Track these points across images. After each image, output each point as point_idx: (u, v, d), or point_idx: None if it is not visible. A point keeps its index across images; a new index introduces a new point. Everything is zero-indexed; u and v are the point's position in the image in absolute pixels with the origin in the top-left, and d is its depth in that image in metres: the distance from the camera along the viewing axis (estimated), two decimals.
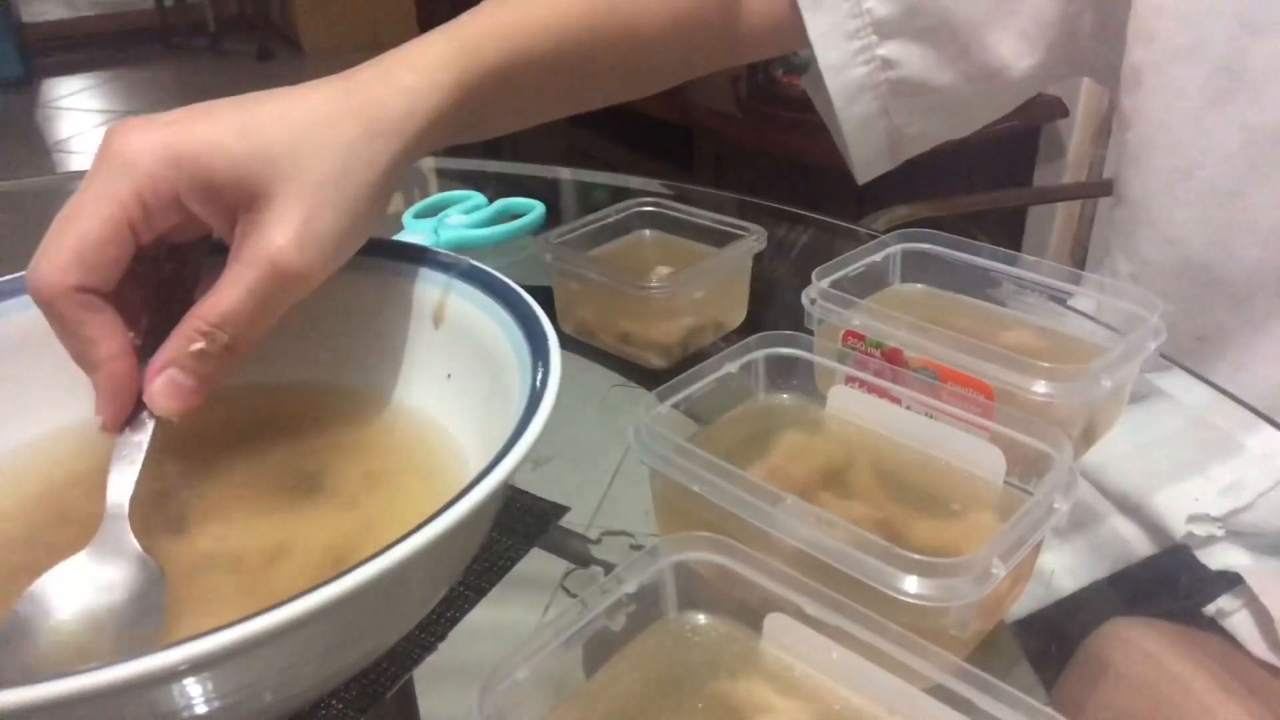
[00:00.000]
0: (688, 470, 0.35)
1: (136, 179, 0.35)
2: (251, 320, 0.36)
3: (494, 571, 0.41)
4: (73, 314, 0.35)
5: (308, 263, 0.37)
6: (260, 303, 0.36)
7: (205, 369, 0.36)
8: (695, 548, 0.31)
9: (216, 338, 0.36)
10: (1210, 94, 0.51)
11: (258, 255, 0.36)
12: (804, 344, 0.43)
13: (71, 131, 3.46)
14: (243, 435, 0.42)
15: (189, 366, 0.36)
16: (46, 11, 4.54)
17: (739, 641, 0.31)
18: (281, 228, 0.36)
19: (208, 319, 0.36)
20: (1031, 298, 0.49)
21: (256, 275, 0.36)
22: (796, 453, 0.41)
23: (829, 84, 0.59)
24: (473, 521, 0.28)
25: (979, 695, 0.26)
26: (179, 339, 0.36)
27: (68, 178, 1.34)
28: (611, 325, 0.57)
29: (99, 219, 0.35)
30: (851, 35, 0.57)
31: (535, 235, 0.70)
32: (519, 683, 0.27)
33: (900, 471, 0.39)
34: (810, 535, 0.32)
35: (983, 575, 0.30)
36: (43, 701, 0.22)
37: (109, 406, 0.36)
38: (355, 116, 0.39)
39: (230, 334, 0.36)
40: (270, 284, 0.36)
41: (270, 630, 0.24)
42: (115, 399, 0.36)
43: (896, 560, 0.30)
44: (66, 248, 0.34)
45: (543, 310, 0.39)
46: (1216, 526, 0.44)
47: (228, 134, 0.36)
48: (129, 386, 0.36)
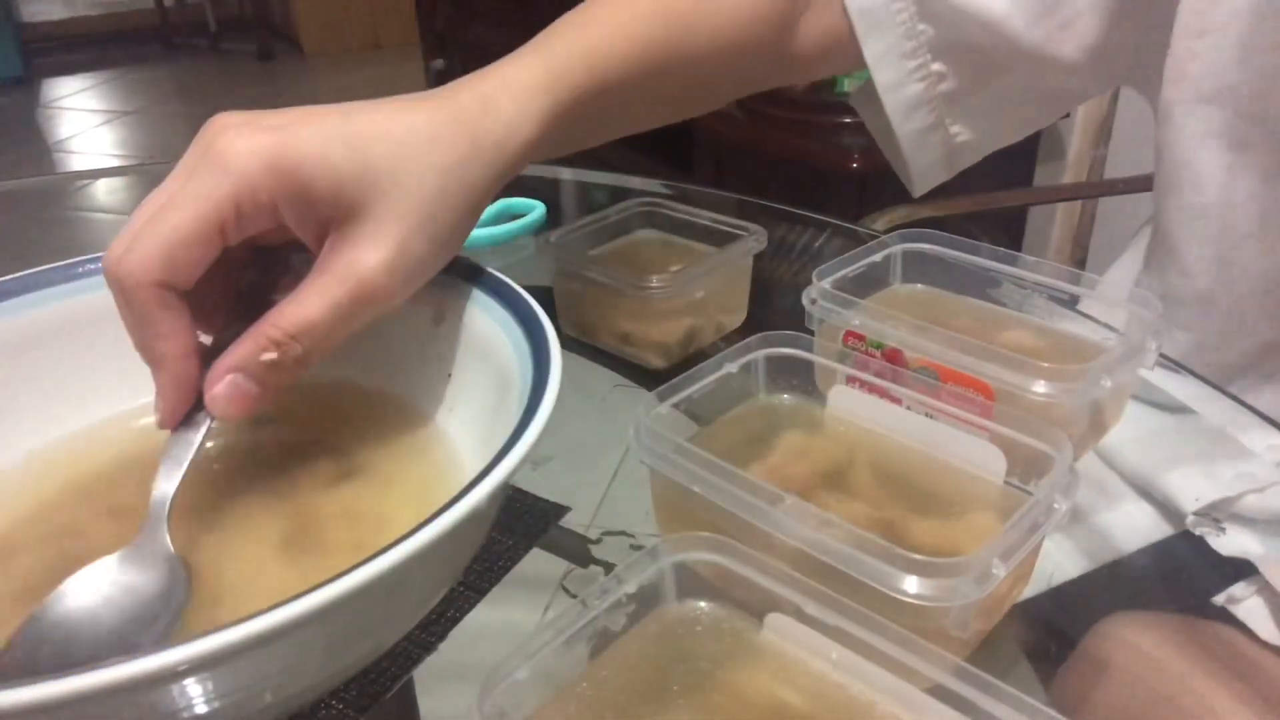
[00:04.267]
0: (688, 470, 0.35)
1: (236, 184, 0.35)
2: (328, 334, 0.36)
3: (494, 571, 0.41)
4: (150, 310, 0.35)
5: (395, 286, 0.37)
6: (341, 319, 0.36)
7: (272, 378, 0.36)
8: (695, 548, 0.31)
9: (290, 349, 0.35)
10: (1234, 138, 0.52)
11: (348, 272, 0.36)
12: (804, 344, 0.43)
13: (71, 131, 3.46)
14: (243, 436, 0.42)
15: (256, 374, 0.35)
16: (46, 11, 4.54)
17: (739, 639, 0.31)
18: (375, 248, 0.36)
19: (285, 328, 0.35)
20: (1031, 298, 0.49)
21: (343, 291, 0.36)
22: (796, 453, 0.41)
23: (886, 102, 0.61)
24: (472, 522, 0.28)
25: (979, 695, 0.26)
26: (250, 345, 0.35)
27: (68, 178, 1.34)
28: (611, 325, 0.57)
29: (193, 218, 0.34)
30: (907, 55, 0.59)
31: (535, 235, 0.70)
32: (519, 683, 0.27)
33: (901, 472, 0.39)
34: (810, 535, 0.32)
35: (983, 575, 0.30)
36: (43, 701, 0.22)
37: (168, 404, 0.36)
38: (456, 139, 0.39)
39: (305, 346, 0.36)
40: (355, 302, 0.36)
41: (270, 630, 0.24)
42: (175, 397, 0.36)
43: (897, 560, 0.30)
44: (156, 243, 0.34)
45: (543, 310, 0.39)
46: (1226, 516, 0.44)
47: (332, 146, 0.36)
48: (190, 387, 0.36)
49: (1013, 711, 0.26)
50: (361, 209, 0.36)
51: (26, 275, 0.42)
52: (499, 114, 0.41)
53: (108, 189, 0.96)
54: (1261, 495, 0.44)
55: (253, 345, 0.35)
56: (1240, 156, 0.52)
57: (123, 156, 3.23)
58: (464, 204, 0.39)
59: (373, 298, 0.36)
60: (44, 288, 0.42)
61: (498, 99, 0.41)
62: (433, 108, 0.39)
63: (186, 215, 0.34)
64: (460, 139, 0.39)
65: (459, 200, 0.39)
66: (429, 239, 0.38)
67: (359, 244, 0.36)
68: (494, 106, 0.41)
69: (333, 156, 0.36)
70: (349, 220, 0.36)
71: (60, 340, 0.42)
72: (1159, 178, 0.58)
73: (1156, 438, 0.50)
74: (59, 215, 0.87)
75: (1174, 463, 0.47)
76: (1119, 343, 0.44)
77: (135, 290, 0.34)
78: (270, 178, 0.35)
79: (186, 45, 4.51)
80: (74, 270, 0.42)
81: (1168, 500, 0.46)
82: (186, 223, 0.34)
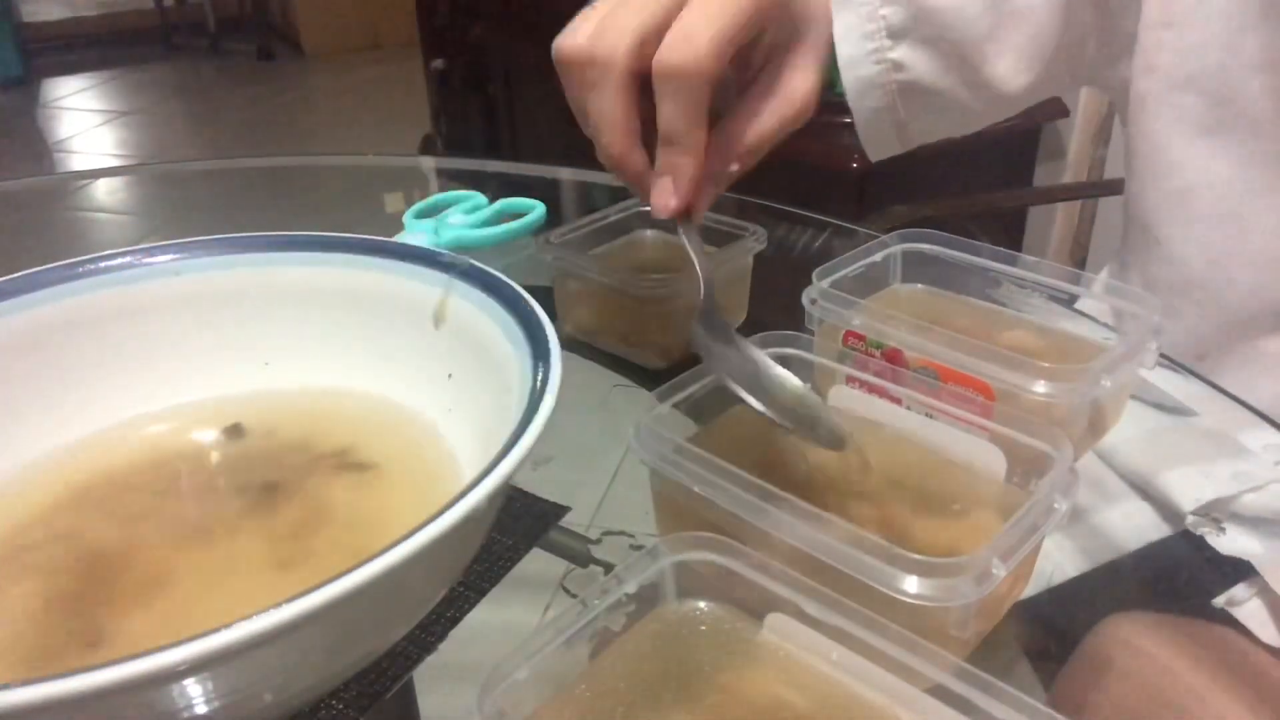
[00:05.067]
0: (688, 470, 0.35)
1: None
2: (771, 146, 0.43)
3: (494, 571, 0.41)
4: (704, 100, 0.39)
5: (813, 110, 0.43)
6: (784, 133, 0.43)
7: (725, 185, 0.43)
8: (695, 548, 0.31)
9: (747, 161, 0.43)
10: (1208, 123, 0.53)
11: (794, 94, 0.43)
12: (804, 344, 0.43)
13: (71, 131, 3.46)
14: (243, 436, 0.42)
15: (722, 184, 0.42)
16: (46, 11, 4.54)
17: (739, 640, 0.31)
18: (810, 74, 0.43)
19: (747, 145, 0.42)
20: (1031, 298, 0.49)
21: (791, 111, 0.42)
22: (795, 452, 0.41)
23: (844, 77, 0.62)
24: (472, 522, 0.28)
25: (979, 695, 0.26)
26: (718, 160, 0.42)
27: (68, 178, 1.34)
28: (611, 325, 0.57)
29: (740, 19, 0.39)
30: (868, 36, 0.60)
31: (535, 235, 0.70)
32: (519, 683, 0.27)
33: (900, 471, 0.39)
34: (809, 535, 0.32)
35: (983, 575, 0.30)
36: (43, 701, 0.22)
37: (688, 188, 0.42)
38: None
39: (757, 158, 0.43)
40: (795, 119, 0.43)
41: (270, 630, 0.24)
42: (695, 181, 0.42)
43: (897, 560, 0.30)
44: (717, 38, 0.38)
45: (543, 310, 0.39)
46: (1225, 516, 0.44)
47: None
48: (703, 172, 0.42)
49: (1013, 712, 0.26)
50: (799, 37, 0.43)
51: (26, 275, 0.42)
52: None
53: (108, 189, 0.96)
54: (1259, 494, 0.44)
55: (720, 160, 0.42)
56: (1215, 140, 0.53)
57: (123, 156, 3.23)
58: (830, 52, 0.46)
59: (802, 116, 0.43)
60: (44, 288, 0.42)
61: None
62: None
63: (735, 17, 0.39)
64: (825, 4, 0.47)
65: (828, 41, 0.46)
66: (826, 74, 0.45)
67: (797, 69, 0.43)
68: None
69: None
70: (788, 47, 0.43)
71: (60, 340, 0.42)
72: (1133, 170, 0.58)
73: (1155, 438, 0.50)
74: (59, 215, 0.87)
75: (1172, 462, 0.47)
76: (1119, 343, 0.44)
77: (698, 82, 0.39)
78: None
79: (186, 45, 4.51)
80: (74, 270, 0.42)
81: (1166, 500, 0.46)
82: (736, 23, 0.39)
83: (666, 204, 0.42)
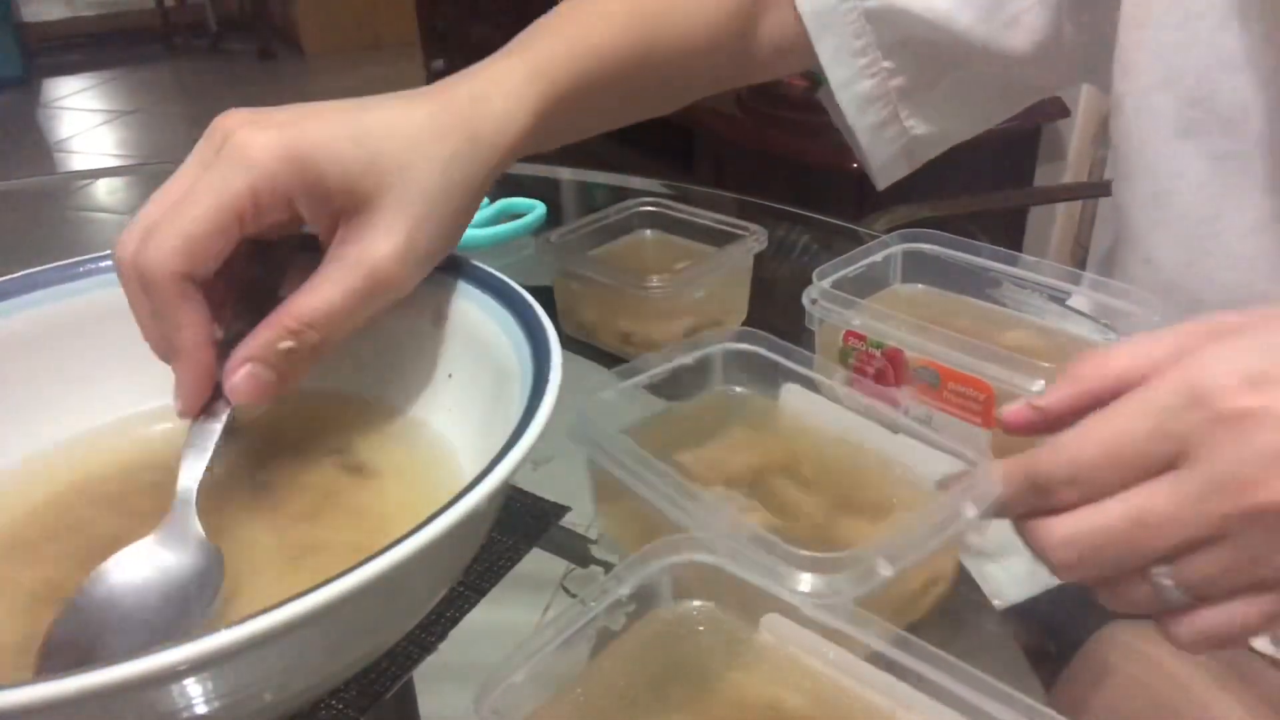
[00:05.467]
0: (615, 457, 0.36)
1: (255, 175, 0.36)
2: (342, 322, 0.37)
3: (494, 571, 0.41)
4: (171, 300, 0.35)
5: (406, 274, 0.38)
6: (355, 306, 0.37)
7: (289, 366, 0.37)
8: (691, 549, 0.31)
9: (307, 337, 0.37)
10: (1183, 124, 0.53)
11: (360, 260, 0.37)
12: (762, 341, 0.43)
13: (71, 131, 3.46)
14: (243, 437, 0.42)
15: (274, 362, 0.37)
16: (46, 11, 4.54)
17: (735, 640, 0.31)
18: (386, 238, 0.38)
19: (301, 317, 0.36)
20: (1031, 298, 0.49)
21: (357, 279, 0.37)
22: (742, 446, 0.41)
23: (840, 99, 0.63)
24: (473, 522, 0.28)
25: (978, 696, 0.26)
26: (267, 334, 0.36)
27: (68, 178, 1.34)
28: (612, 325, 0.57)
29: (214, 209, 0.35)
30: (857, 53, 0.60)
31: (535, 235, 0.70)
32: (515, 686, 0.27)
33: (837, 470, 0.40)
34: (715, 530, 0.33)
35: (866, 574, 0.31)
36: (43, 701, 0.22)
37: (188, 393, 0.37)
38: (455, 134, 0.40)
39: (321, 334, 0.37)
40: (368, 290, 0.37)
41: (270, 630, 0.24)
42: (195, 387, 0.37)
43: (791, 559, 0.31)
44: (177, 234, 0.35)
45: (543, 310, 0.39)
46: None
47: (342, 141, 0.37)
48: (209, 376, 0.37)
49: (1012, 712, 0.26)
50: (371, 200, 0.38)
51: (26, 275, 0.42)
52: (491, 111, 0.42)
53: (108, 189, 0.96)
54: None
55: (270, 334, 0.36)
56: (1190, 142, 0.53)
57: (123, 156, 3.23)
58: (464, 195, 0.40)
59: (385, 285, 0.38)
60: (44, 288, 0.42)
61: (489, 96, 0.43)
62: (431, 104, 0.41)
63: (207, 206, 0.35)
64: (459, 134, 0.40)
65: (460, 192, 0.40)
66: (435, 228, 0.39)
67: (369, 234, 0.37)
68: (486, 104, 0.42)
69: (344, 151, 0.37)
70: (359, 211, 0.38)
71: (60, 340, 0.42)
72: (1118, 170, 0.58)
73: None
74: (59, 215, 0.87)
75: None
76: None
77: (158, 281, 0.35)
78: (287, 169, 0.36)
79: (186, 45, 4.51)
80: (74, 270, 0.42)
81: None
82: (208, 213, 0.35)
83: (178, 409, 0.38)
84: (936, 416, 0.44)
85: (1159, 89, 0.53)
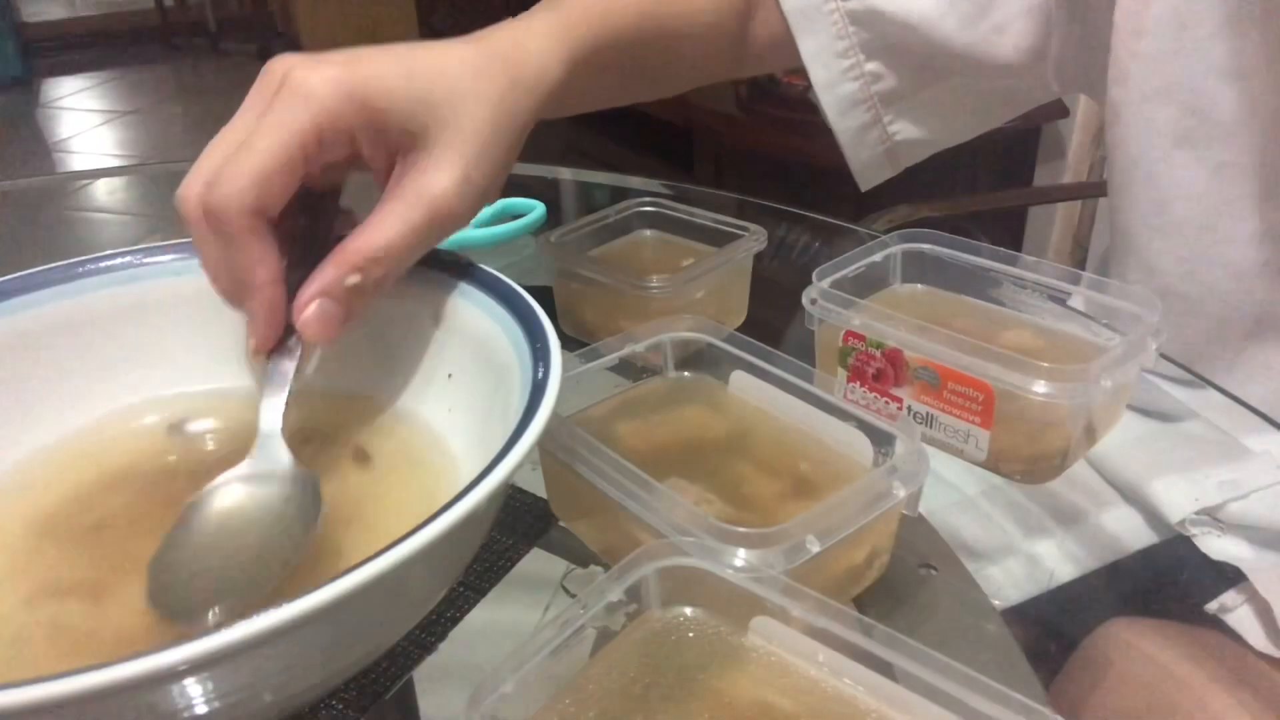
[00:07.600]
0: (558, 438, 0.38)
1: (318, 111, 0.36)
2: (405, 256, 0.38)
3: (494, 571, 0.41)
4: (245, 237, 0.36)
5: (464, 207, 0.39)
6: (416, 240, 0.38)
7: (356, 300, 0.38)
8: (679, 553, 0.31)
9: (371, 272, 0.37)
10: (1180, 133, 0.53)
11: (420, 195, 0.38)
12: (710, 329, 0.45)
13: (71, 131, 3.46)
14: (242, 437, 0.42)
15: (341, 297, 0.37)
16: (46, 11, 4.54)
17: (725, 644, 0.31)
18: (444, 172, 0.38)
19: (365, 253, 0.37)
20: (1031, 298, 0.49)
21: (417, 214, 0.38)
22: (689, 429, 0.43)
23: (822, 99, 0.63)
24: (473, 522, 0.28)
25: (977, 696, 0.26)
26: (333, 270, 0.37)
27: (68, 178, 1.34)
28: (611, 325, 0.57)
29: (280, 146, 0.36)
30: (840, 55, 0.60)
31: (535, 235, 0.70)
32: (505, 696, 0.27)
33: (778, 453, 0.41)
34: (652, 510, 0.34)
35: (795, 549, 0.32)
36: (43, 701, 0.22)
37: (263, 330, 0.38)
38: (500, 74, 0.41)
39: (384, 268, 0.38)
40: (429, 224, 0.38)
41: (270, 630, 0.24)
42: (269, 321, 0.38)
43: (726, 535, 0.32)
44: (248, 171, 0.35)
45: (543, 310, 0.39)
46: (1213, 523, 0.44)
47: (396, 78, 0.38)
48: (281, 313, 0.38)
49: (1011, 712, 0.26)
50: (426, 136, 0.39)
51: (26, 275, 0.42)
52: (529, 56, 0.44)
53: (108, 189, 0.96)
54: (1245, 502, 0.44)
55: (337, 270, 0.37)
56: (1189, 151, 0.53)
57: (123, 156, 3.23)
58: (512, 132, 0.41)
59: (444, 218, 0.39)
60: (44, 288, 0.42)
61: (525, 44, 0.44)
62: (473, 48, 0.42)
63: (274, 141, 0.36)
64: (503, 74, 0.41)
65: (508, 128, 0.41)
66: (489, 163, 0.40)
67: (427, 169, 0.38)
68: (524, 51, 0.43)
69: (397, 87, 0.38)
70: (416, 147, 0.39)
71: (60, 340, 0.42)
72: (1114, 178, 0.58)
73: (1144, 445, 0.50)
74: (59, 215, 0.87)
75: (1159, 471, 0.47)
76: (1119, 343, 0.44)
77: (232, 219, 0.36)
78: (348, 105, 0.37)
79: (186, 45, 4.51)
80: (74, 270, 0.42)
81: (1155, 511, 0.46)
82: (275, 149, 0.36)
83: (249, 348, 0.39)
84: (936, 416, 0.44)
85: (1156, 99, 0.53)
